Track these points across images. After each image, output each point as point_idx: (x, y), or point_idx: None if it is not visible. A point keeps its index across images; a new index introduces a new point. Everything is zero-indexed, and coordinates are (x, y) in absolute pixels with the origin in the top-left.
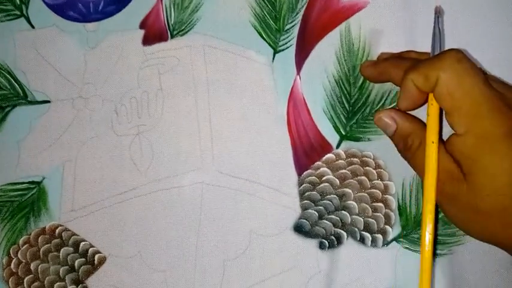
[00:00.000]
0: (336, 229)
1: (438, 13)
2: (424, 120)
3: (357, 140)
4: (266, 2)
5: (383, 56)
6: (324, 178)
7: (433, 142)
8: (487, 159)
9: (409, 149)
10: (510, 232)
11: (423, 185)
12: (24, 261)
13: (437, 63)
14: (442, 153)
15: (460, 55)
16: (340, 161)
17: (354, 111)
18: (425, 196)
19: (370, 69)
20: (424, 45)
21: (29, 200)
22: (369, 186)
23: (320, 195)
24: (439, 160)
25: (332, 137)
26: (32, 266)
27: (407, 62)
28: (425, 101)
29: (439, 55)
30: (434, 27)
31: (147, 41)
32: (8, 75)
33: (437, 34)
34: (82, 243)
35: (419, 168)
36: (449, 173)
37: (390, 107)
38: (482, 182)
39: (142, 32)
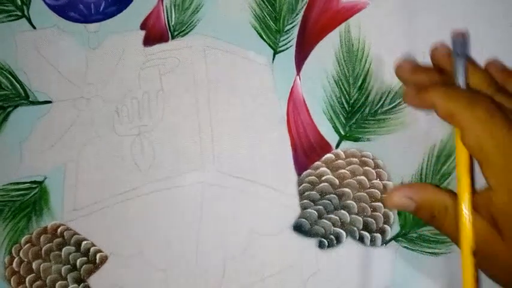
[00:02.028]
0: (335, 228)
1: (457, 37)
2: None
3: (356, 140)
4: (266, 3)
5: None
6: (323, 178)
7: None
8: None
9: (437, 219)
10: None
11: (461, 253)
12: (26, 260)
13: (467, 108)
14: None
15: (490, 104)
16: (339, 160)
17: (353, 112)
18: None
19: (407, 74)
20: (423, 46)
21: (31, 199)
22: (368, 185)
23: (319, 194)
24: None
25: (331, 137)
26: (34, 265)
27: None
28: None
29: (470, 98)
30: (454, 52)
31: (148, 41)
32: (9, 76)
33: (458, 59)
34: (84, 242)
35: (452, 235)
36: (484, 233)
37: (389, 107)
38: None
39: (143, 33)
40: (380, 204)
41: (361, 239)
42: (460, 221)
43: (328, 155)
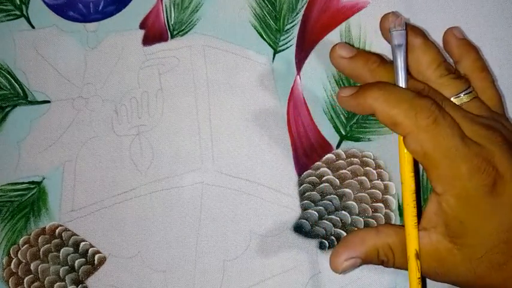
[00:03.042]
0: (336, 229)
1: (398, 27)
2: None
3: (357, 140)
4: (266, 2)
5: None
6: (324, 178)
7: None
8: (473, 220)
9: (387, 262)
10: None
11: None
12: (24, 261)
13: (411, 117)
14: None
15: (436, 113)
16: (340, 161)
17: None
18: None
19: (343, 62)
20: None
21: (29, 200)
22: (369, 186)
23: (320, 195)
24: (421, 248)
25: (332, 137)
26: (32, 266)
27: (386, 75)
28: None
29: (413, 105)
30: (392, 47)
31: (147, 41)
32: (8, 75)
33: (398, 57)
34: (82, 244)
35: (406, 267)
36: (441, 248)
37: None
38: (473, 243)
39: (142, 32)
40: (381, 205)
41: None
42: (406, 224)
43: (329, 155)
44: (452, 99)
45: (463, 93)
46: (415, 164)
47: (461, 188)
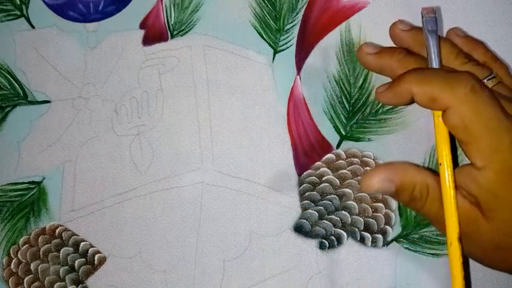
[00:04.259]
0: (336, 229)
1: (430, 15)
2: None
3: (357, 140)
4: (266, 2)
5: (395, 34)
6: (324, 178)
7: (447, 175)
8: (510, 195)
9: (418, 200)
10: None
11: (447, 239)
12: (24, 261)
13: (448, 89)
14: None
15: (473, 82)
16: (340, 161)
17: (354, 112)
18: (449, 244)
19: (370, 58)
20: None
21: (29, 200)
22: None
23: (320, 195)
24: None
25: (332, 137)
26: (32, 266)
27: (414, 62)
28: (412, 102)
29: (449, 78)
30: (424, 32)
31: (147, 41)
32: (8, 75)
33: (430, 41)
34: (82, 244)
35: (432, 217)
36: (466, 212)
37: (390, 107)
38: (506, 218)
39: (142, 32)
40: (381, 205)
41: (362, 240)
42: (445, 206)
43: (329, 155)
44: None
45: (487, 78)
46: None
47: (502, 162)
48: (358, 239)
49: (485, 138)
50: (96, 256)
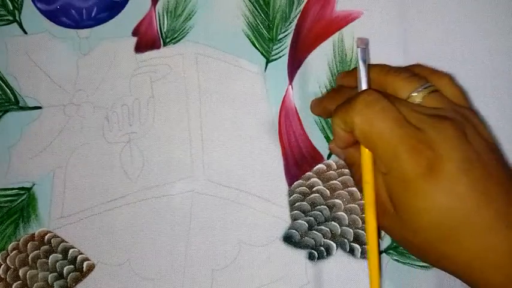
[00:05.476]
0: (325, 240)
1: (362, 45)
2: None
3: None
4: (259, 11)
5: (338, 81)
6: (314, 188)
7: (367, 182)
8: (408, 200)
9: (353, 178)
10: (445, 263)
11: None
12: (12, 267)
13: (349, 109)
14: (381, 186)
15: (369, 98)
16: (331, 171)
17: None
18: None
19: (316, 109)
20: (417, 56)
21: (19, 206)
22: (359, 197)
23: (310, 205)
24: (376, 195)
25: (323, 148)
26: (21, 272)
27: (340, 98)
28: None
29: (351, 99)
30: (357, 61)
31: (140, 48)
32: None
33: (360, 66)
34: (71, 250)
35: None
36: (384, 207)
37: None
38: (408, 219)
39: (134, 40)
40: None
41: (352, 251)
42: (365, 193)
43: (320, 166)
44: (412, 94)
45: (421, 88)
46: None
47: (397, 169)
48: (348, 250)
49: (381, 147)
50: (85, 263)
